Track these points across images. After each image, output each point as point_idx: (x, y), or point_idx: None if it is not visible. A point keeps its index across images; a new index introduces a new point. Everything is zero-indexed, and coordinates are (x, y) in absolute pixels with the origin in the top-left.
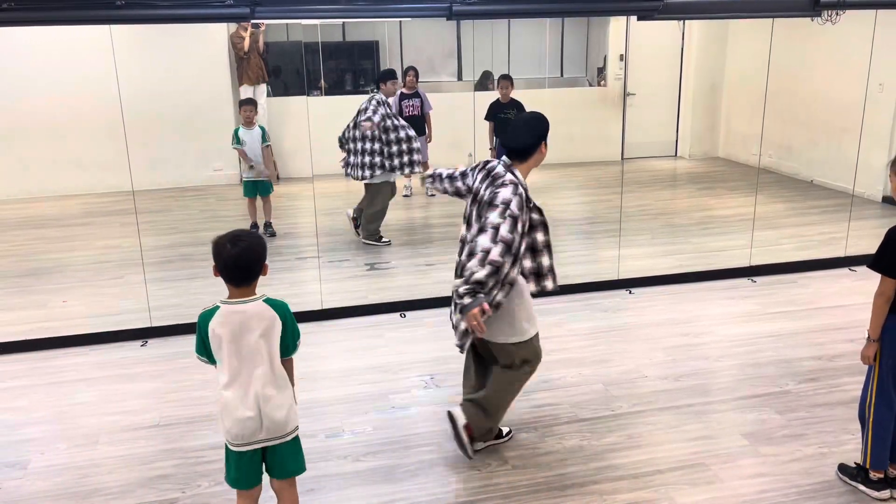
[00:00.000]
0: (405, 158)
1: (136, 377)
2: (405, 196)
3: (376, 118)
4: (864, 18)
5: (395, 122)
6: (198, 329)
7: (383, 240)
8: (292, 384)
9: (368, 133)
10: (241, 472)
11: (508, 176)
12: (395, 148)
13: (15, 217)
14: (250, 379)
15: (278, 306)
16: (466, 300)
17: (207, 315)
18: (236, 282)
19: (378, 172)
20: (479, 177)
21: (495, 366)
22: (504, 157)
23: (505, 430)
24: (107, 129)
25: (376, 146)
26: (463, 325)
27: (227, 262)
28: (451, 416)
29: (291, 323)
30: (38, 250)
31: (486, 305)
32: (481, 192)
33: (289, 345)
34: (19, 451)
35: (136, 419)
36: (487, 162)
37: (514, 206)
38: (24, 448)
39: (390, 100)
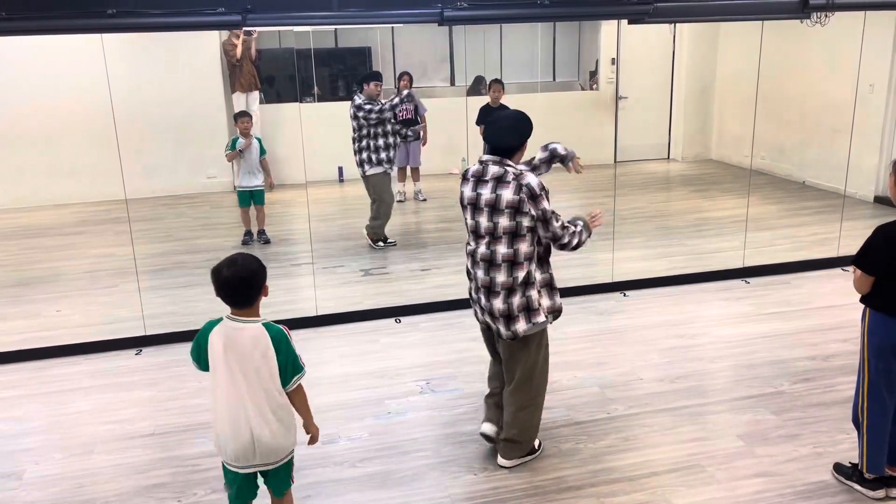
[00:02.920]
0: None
1: (132, 386)
2: (399, 201)
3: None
4: (854, 20)
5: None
6: (199, 334)
7: (389, 241)
8: (307, 415)
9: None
10: (237, 488)
11: (510, 173)
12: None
13: (9, 226)
14: (242, 401)
15: (274, 333)
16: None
17: (211, 324)
18: (231, 301)
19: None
20: (471, 184)
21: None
22: (481, 159)
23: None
24: (100, 137)
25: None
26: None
27: (220, 284)
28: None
29: (286, 353)
30: (32, 259)
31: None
32: (486, 195)
33: (286, 374)
34: (14, 461)
35: (131, 428)
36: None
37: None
38: (20, 458)
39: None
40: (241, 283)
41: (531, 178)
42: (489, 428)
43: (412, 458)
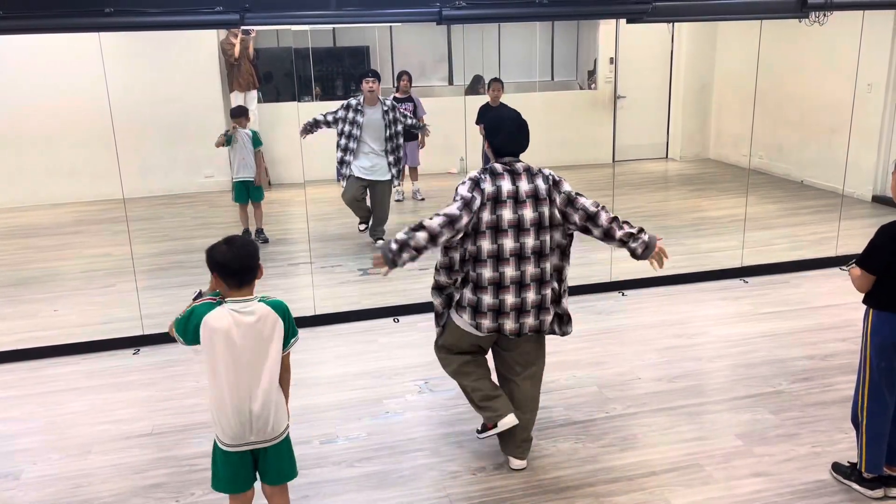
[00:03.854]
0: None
1: (129, 386)
2: (397, 200)
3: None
4: (852, 19)
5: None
6: (191, 314)
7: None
8: (287, 380)
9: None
10: (231, 473)
11: (534, 167)
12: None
13: (5, 226)
14: (243, 379)
15: (277, 306)
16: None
17: (207, 307)
18: (235, 281)
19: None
20: (508, 182)
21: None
22: (501, 161)
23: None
24: (97, 136)
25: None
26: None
27: (223, 262)
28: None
29: (290, 322)
30: (28, 259)
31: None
32: (525, 187)
33: (286, 340)
34: (11, 461)
35: (128, 428)
36: (491, 172)
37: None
38: (16, 458)
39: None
40: (245, 259)
41: (545, 169)
42: (514, 418)
43: (410, 457)
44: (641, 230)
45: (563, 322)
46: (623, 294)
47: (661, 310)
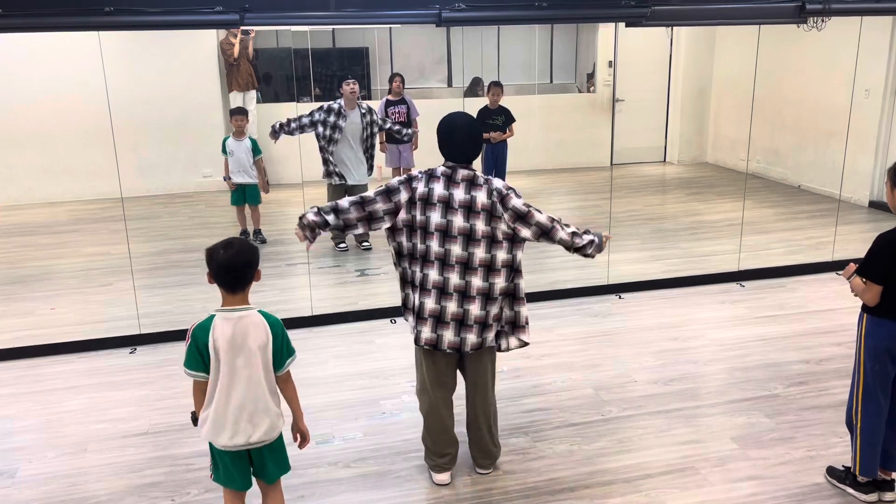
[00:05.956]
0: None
1: (125, 384)
2: None
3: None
4: (850, 24)
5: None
6: (193, 342)
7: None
8: (298, 410)
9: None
10: (229, 471)
11: (480, 176)
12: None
13: (3, 224)
14: (243, 386)
15: (272, 320)
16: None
17: (204, 326)
18: (230, 286)
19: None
20: (439, 185)
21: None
22: (446, 164)
23: None
24: (96, 135)
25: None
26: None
27: (219, 265)
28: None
29: (283, 338)
30: (26, 257)
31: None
32: (460, 196)
33: (281, 359)
34: (7, 459)
35: (124, 427)
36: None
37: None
38: (13, 456)
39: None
40: (241, 263)
41: (496, 181)
42: (448, 478)
43: (406, 458)
44: (591, 240)
45: (502, 334)
46: (620, 297)
47: (658, 313)
